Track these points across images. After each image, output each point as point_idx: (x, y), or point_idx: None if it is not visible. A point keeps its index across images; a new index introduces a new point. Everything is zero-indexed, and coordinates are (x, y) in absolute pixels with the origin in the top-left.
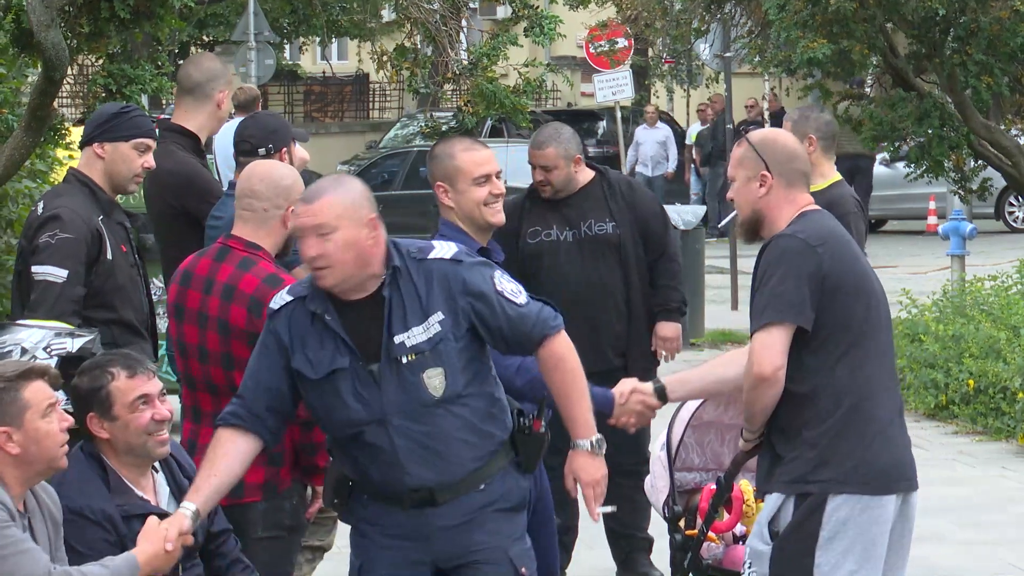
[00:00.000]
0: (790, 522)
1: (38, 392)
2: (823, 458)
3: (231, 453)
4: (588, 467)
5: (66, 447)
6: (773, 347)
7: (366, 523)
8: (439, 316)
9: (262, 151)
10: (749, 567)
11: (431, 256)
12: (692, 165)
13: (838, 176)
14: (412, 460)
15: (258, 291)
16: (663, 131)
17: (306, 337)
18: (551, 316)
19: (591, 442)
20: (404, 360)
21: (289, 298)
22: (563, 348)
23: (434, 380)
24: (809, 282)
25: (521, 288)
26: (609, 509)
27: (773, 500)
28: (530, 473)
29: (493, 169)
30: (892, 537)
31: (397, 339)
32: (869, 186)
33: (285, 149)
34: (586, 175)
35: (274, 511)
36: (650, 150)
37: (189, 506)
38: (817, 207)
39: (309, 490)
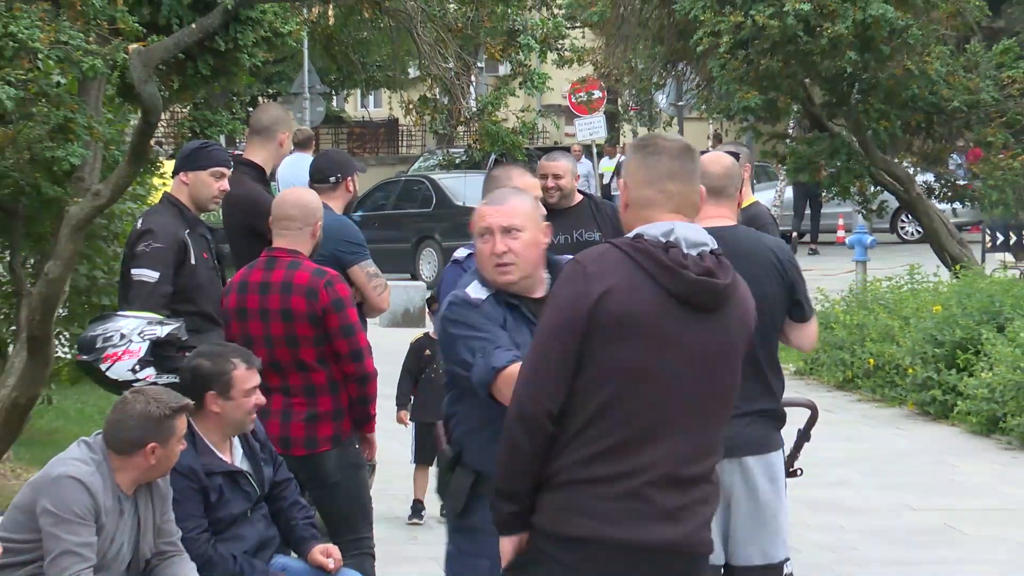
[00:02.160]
0: None
1: (183, 424)
2: None
3: None
4: None
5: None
6: None
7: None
8: None
9: (332, 179)
10: None
11: None
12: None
13: (755, 198)
14: None
15: (310, 281)
16: (586, 165)
17: (508, 325)
18: None
19: None
20: None
21: (485, 292)
22: None
23: None
24: None
25: None
26: None
27: None
28: None
29: (539, 194)
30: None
31: None
32: (820, 207)
33: (350, 178)
34: (578, 197)
35: (343, 455)
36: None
37: None
38: (721, 226)
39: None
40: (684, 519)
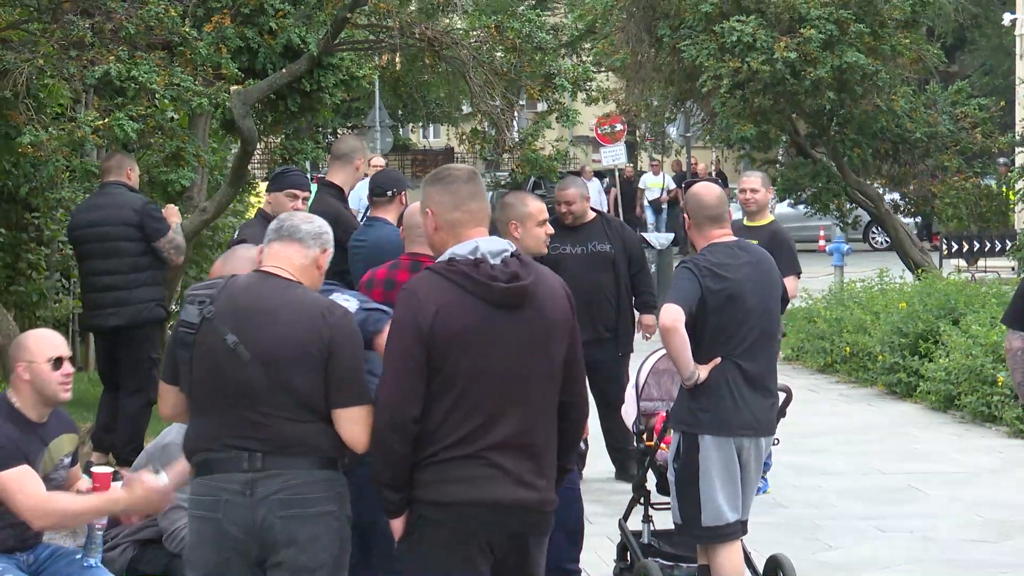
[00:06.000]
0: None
1: None
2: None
3: None
4: None
5: None
6: (669, 310)
7: None
8: None
9: (389, 193)
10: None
11: None
12: (643, 202)
13: (772, 216)
14: None
15: None
16: (595, 184)
17: None
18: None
19: None
20: None
21: None
22: None
23: None
24: (691, 286)
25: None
26: None
27: (674, 437)
28: None
29: (547, 216)
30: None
31: None
32: None
33: (403, 192)
34: (591, 215)
35: None
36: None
37: None
38: (727, 240)
39: None
40: (534, 483)
